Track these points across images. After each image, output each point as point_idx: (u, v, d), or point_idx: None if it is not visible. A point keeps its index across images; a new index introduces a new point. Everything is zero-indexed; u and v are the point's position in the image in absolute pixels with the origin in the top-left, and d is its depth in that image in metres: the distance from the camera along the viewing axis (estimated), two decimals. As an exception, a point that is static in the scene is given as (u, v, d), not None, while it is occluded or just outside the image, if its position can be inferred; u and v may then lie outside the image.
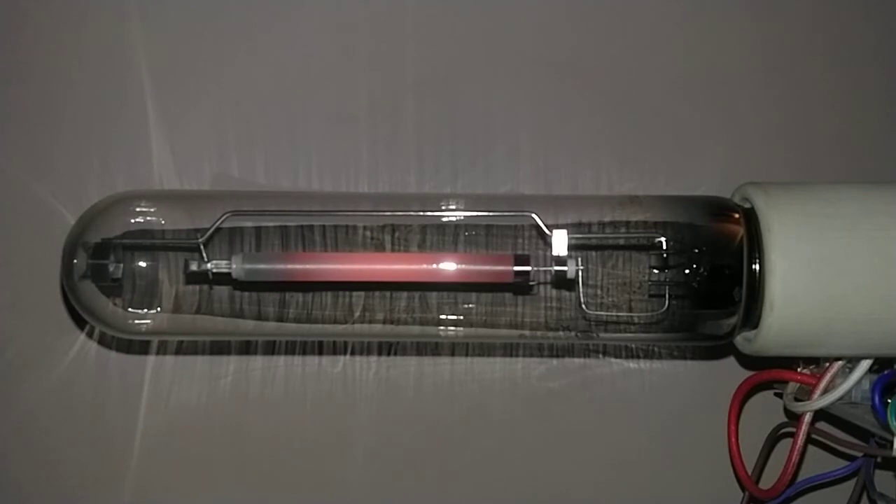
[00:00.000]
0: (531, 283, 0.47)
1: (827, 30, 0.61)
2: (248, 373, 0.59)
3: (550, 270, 0.45)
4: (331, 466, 0.60)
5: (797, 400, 0.49)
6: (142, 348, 0.59)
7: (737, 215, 0.47)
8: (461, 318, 0.50)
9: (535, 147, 0.60)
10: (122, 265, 0.47)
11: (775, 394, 0.52)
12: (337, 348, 0.59)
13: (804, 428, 0.48)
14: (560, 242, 0.44)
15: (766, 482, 0.52)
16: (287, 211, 0.50)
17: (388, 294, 0.49)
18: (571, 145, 0.60)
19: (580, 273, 0.45)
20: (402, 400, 0.60)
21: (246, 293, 0.49)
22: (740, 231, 0.46)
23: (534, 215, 0.45)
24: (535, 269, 0.45)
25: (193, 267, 0.45)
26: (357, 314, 0.49)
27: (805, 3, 0.61)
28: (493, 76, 0.60)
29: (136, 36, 0.58)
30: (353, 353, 0.59)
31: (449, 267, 0.45)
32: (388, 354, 0.60)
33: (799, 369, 0.50)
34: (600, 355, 0.60)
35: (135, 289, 0.48)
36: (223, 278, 0.45)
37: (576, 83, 0.60)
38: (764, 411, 0.55)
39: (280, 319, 0.50)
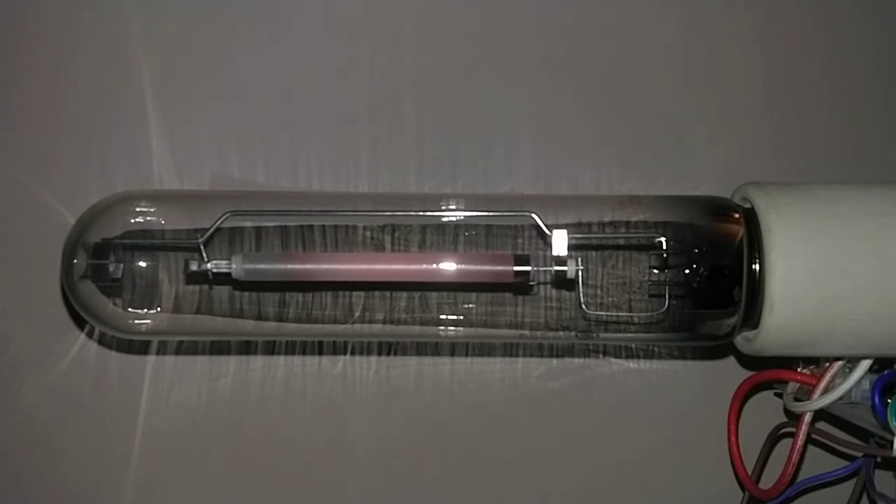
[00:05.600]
0: (531, 283, 0.47)
1: (827, 30, 0.61)
2: (248, 373, 0.59)
3: (550, 270, 0.45)
4: (331, 466, 0.60)
5: (797, 400, 0.49)
6: (142, 348, 0.59)
7: (737, 215, 0.47)
8: (461, 318, 0.50)
9: (535, 147, 0.60)
10: (122, 265, 0.47)
11: (775, 394, 0.52)
12: (337, 348, 0.59)
13: (804, 428, 0.48)
14: (560, 242, 0.44)
15: (766, 482, 0.52)
16: (287, 211, 0.50)
17: (388, 294, 0.49)
18: (571, 145, 0.60)
19: (580, 273, 0.45)
20: (402, 400, 0.60)
21: (246, 293, 0.49)
22: (740, 231, 0.46)
23: (534, 215, 0.45)
24: (535, 269, 0.45)
25: (193, 267, 0.45)
26: (357, 314, 0.49)
27: (805, 4, 0.61)
28: (493, 76, 0.60)
29: (136, 36, 0.58)
30: (353, 353, 0.59)
31: (449, 267, 0.45)
32: (388, 354, 0.60)
33: (799, 369, 0.50)
34: (600, 355, 0.60)
35: (135, 289, 0.48)
36: (223, 278, 0.45)
37: (576, 83, 0.60)
38: (764, 411, 0.55)
39: (280, 319, 0.50)
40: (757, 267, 0.45)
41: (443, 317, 0.50)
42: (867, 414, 0.47)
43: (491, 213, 0.50)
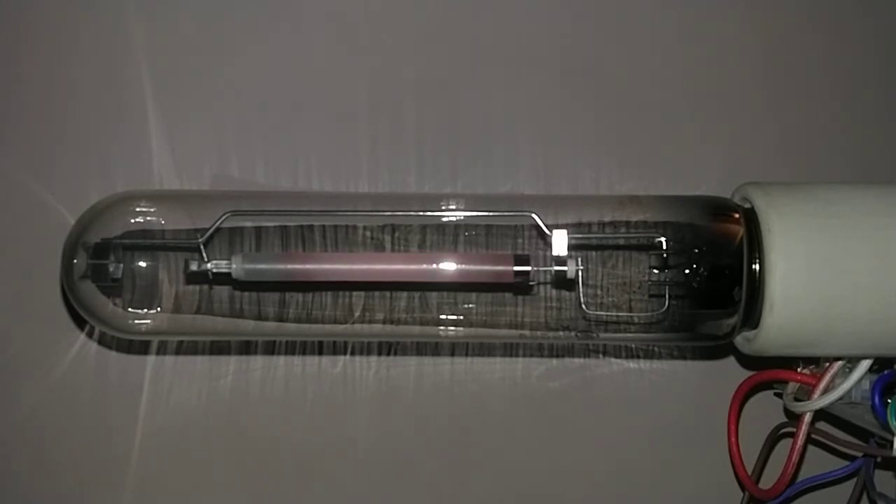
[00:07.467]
0: (531, 283, 0.47)
1: (826, 30, 0.61)
2: (248, 373, 0.59)
3: (550, 270, 0.45)
4: (331, 466, 0.60)
5: (797, 400, 0.49)
6: (142, 348, 0.59)
7: (737, 215, 0.47)
8: (461, 318, 0.50)
9: (535, 147, 0.60)
10: (122, 265, 0.47)
11: (775, 394, 0.52)
12: (337, 348, 0.59)
13: (804, 428, 0.48)
14: (560, 242, 0.44)
15: (766, 482, 0.52)
16: (287, 211, 0.50)
17: (388, 294, 0.49)
18: (571, 145, 0.60)
19: (580, 273, 0.45)
20: (402, 400, 0.60)
21: (246, 293, 0.49)
22: (740, 231, 0.46)
23: (534, 215, 0.45)
24: (535, 269, 0.45)
25: (193, 267, 0.45)
26: (357, 314, 0.49)
27: (805, 3, 0.61)
28: (493, 76, 0.60)
29: (137, 36, 0.58)
30: (353, 353, 0.59)
31: (449, 267, 0.45)
32: (388, 354, 0.60)
33: (799, 369, 0.50)
34: (600, 355, 0.60)
35: (135, 289, 0.48)
36: (223, 278, 0.46)
37: (576, 83, 0.60)
38: (764, 411, 0.55)
39: (280, 319, 0.50)
40: (757, 267, 0.45)
41: (443, 317, 0.50)
42: (867, 414, 0.47)
43: (491, 213, 0.50)
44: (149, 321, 0.49)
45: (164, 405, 0.59)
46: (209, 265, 0.45)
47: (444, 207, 0.51)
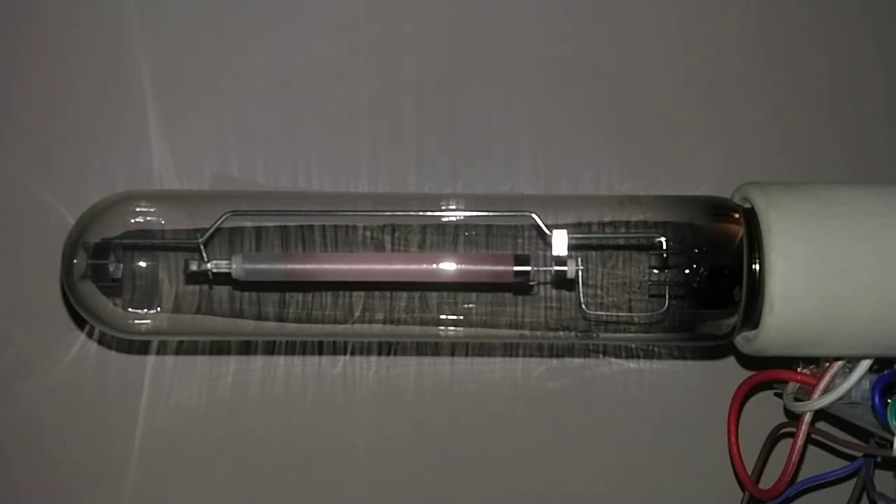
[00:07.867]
0: (531, 283, 0.47)
1: (827, 30, 0.61)
2: (248, 373, 0.59)
3: (550, 270, 0.45)
4: (331, 466, 0.60)
5: (797, 400, 0.49)
6: (142, 348, 0.59)
7: (737, 215, 0.47)
8: (461, 318, 0.50)
9: (535, 147, 0.60)
10: (122, 265, 0.47)
11: (775, 394, 0.52)
12: (337, 348, 0.59)
13: (804, 428, 0.48)
14: (560, 242, 0.44)
15: (766, 482, 0.52)
16: (287, 211, 0.50)
17: (388, 294, 0.49)
18: (571, 145, 0.60)
19: (580, 273, 0.45)
20: (402, 400, 0.60)
21: (246, 293, 0.49)
22: (740, 231, 0.46)
23: (534, 215, 0.45)
24: (535, 269, 0.45)
25: (193, 267, 0.45)
26: (357, 314, 0.49)
27: (805, 3, 0.61)
28: (492, 76, 0.60)
29: (137, 36, 0.58)
30: (353, 353, 0.59)
31: (449, 267, 0.45)
32: (388, 354, 0.60)
33: (799, 369, 0.50)
34: (600, 355, 0.60)
35: (135, 289, 0.48)
36: (223, 278, 0.46)
37: (576, 83, 0.60)
38: (764, 411, 0.55)
39: (280, 319, 0.50)
40: (757, 267, 0.45)
41: (443, 317, 0.50)
42: (867, 414, 0.47)
43: (491, 213, 0.50)
44: (149, 321, 0.49)
45: (164, 405, 0.59)
46: (209, 265, 0.45)
47: (444, 207, 0.51)
